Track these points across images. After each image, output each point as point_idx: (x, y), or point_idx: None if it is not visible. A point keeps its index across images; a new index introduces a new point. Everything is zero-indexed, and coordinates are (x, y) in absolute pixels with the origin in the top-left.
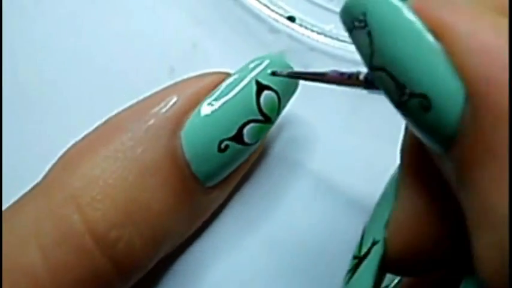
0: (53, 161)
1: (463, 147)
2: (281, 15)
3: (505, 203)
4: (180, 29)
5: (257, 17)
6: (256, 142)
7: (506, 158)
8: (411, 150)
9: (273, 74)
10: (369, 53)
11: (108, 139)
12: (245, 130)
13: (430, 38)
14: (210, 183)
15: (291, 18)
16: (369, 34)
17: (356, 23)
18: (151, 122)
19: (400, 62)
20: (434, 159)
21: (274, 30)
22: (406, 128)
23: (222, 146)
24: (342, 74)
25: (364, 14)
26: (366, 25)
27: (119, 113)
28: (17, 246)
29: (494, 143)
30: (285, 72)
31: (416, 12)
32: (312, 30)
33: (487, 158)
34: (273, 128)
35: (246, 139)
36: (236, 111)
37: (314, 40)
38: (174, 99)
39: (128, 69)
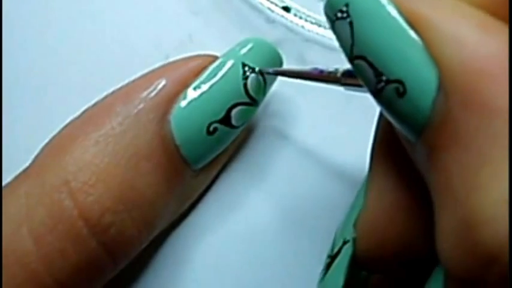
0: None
1: (434, 132)
2: (277, 5)
3: (469, 186)
4: (176, 19)
5: (253, 7)
6: (242, 124)
7: (471, 142)
8: (380, 150)
9: (260, 72)
10: (350, 43)
11: (98, 123)
12: (233, 113)
13: (407, 28)
14: (199, 166)
15: (286, 9)
16: (351, 24)
17: (338, 14)
18: (141, 106)
19: (379, 51)
20: (407, 149)
21: (270, 20)
22: (377, 128)
23: (211, 128)
24: (322, 71)
25: (347, 5)
26: (348, 16)
27: (107, 97)
28: (9, 233)
29: (462, 128)
30: (270, 70)
31: (396, 4)
32: (308, 21)
33: (455, 141)
34: (267, 117)
35: (234, 122)
36: (224, 94)
37: (310, 31)
38: (163, 82)
39: (124, 58)
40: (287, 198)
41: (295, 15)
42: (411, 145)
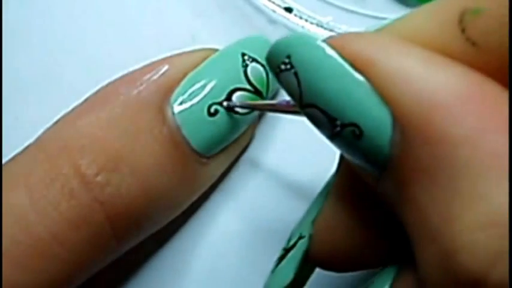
0: None
1: (398, 168)
2: (279, 6)
3: (443, 217)
4: (179, 20)
5: (255, 8)
6: (248, 113)
7: (437, 175)
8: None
9: (228, 107)
10: (298, 92)
11: (101, 104)
12: (234, 97)
13: (352, 71)
14: (205, 152)
15: (288, 9)
16: (296, 75)
17: (282, 66)
18: (143, 87)
19: (329, 97)
20: (368, 180)
21: (272, 21)
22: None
23: (212, 110)
24: (288, 102)
25: (289, 57)
26: (292, 67)
27: (110, 82)
28: (6, 187)
29: (425, 161)
30: (238, 103)
31: (336, 49)
32: (310, 22)
33: (421, 175)
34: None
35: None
36: (224, 77)
37: (311, 32)
38: (165, 67)
39: (126, 60)
40: (291, 200)
41: (299, 17)
42: (376, 180)
